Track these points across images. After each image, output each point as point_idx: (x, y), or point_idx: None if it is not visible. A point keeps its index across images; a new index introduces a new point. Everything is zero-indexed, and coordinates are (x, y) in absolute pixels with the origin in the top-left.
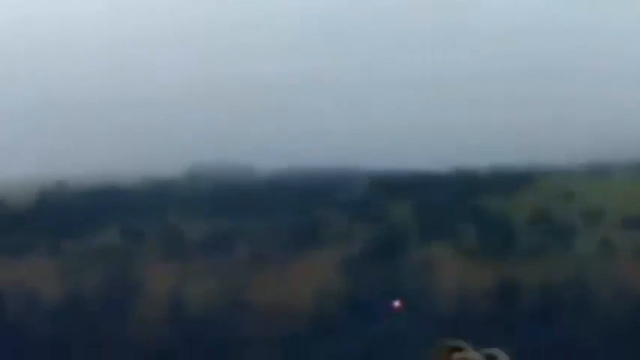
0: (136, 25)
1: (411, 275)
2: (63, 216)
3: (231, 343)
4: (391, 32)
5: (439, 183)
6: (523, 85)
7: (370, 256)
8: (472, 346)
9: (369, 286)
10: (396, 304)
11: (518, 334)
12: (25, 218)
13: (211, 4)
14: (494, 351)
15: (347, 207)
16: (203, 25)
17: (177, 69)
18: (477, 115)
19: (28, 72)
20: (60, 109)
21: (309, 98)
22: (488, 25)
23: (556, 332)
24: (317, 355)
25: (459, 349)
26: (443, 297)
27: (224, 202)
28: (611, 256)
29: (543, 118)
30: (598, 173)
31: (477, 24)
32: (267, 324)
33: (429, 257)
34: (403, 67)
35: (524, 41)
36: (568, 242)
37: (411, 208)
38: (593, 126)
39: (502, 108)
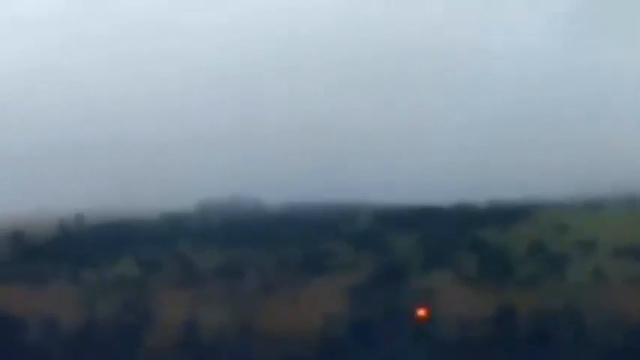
0: (144, 67)
1: (412, 302)
2: (82, 247)
3: None
4: (394, 74)
5: (441, 216)
6: (520, 128)
7: (374, 285)
8: None
9: (373, 313)
10: (421, 312)
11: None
12: (46, 249)
13: (221, 42)
14: None
15: (352, 238)
16: (211, 63)
17: (188, 109)
18: (478, 155)
19: (50, 108)
20: (81, 147)
21: (316, 137)
22: (485, 70)
23: (551, 357)
24: None
25: None
26: (444, 323)
27: (235, 234)
28: (604, 284)
29: (540, 157)
30: (591, 207)
31: (477, 70)
32: (276, 349)
33: (431, 286)
34: (407, 108)
35: (522, 88)
36: (562, 271)
37: (413, 239)
38: (586, 163)
39: (501, 148)
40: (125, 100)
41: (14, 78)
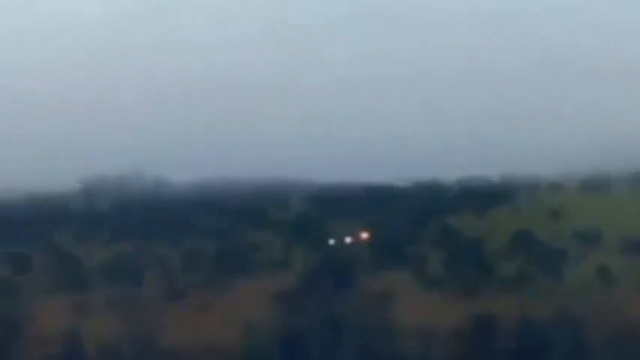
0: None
1: (361, 312)
2: None
3: None
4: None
5: (397, 199)
6: (500, 88)
7: (311, 288)
8: None
9: (308, 326)
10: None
11: None
12: None
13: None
14: None
15: (282, 227)
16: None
17: (73, 68)
18: (445, 121)
19: None
20: None
21: (235, 97)
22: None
23: None
24: None
25: None
26: (401, 338)
27: (129, 222)
28: (609, 287)
29: (524, 125)
30: (591, 188)
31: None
32: None
33: (384, 289)
34: (352, 63)
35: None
36: (555, 270)
37: (361, 229)
38: (584, 133)
39: (475, 112)
40: None
41: None
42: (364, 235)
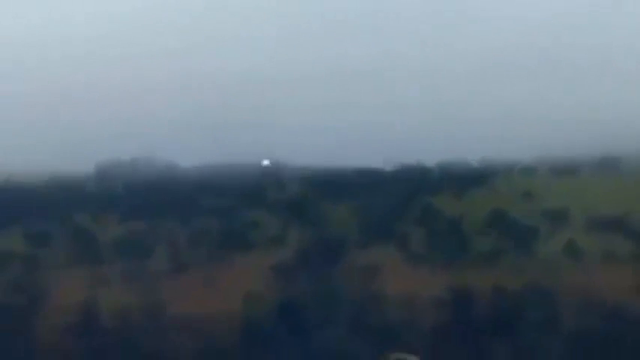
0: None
1: (351, 284)
2: None
3: (151, 358)
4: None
5: (383, 181)
6: (476, 74)
7: (305, 262)
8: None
9: (303, 297)
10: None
11: (470, 348)
12: None
13: None
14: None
15: (279, 207)
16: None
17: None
18: (426, 108)
19: None
20: None
21: (236, 89)
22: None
23: (513, 346)
24: None
25: None
26: (388, 307)
27: (140, 202)
28: (577, 261)
29: (500, 111)
30: (560, 171)
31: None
32: (189, 337)
33: (372, 263)
34: (339, 51)
35: (490, 34)
36: (527, 246)
37: (350, 209)
38: (554, 120)
39: (454, 99)
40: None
41: None
42: None
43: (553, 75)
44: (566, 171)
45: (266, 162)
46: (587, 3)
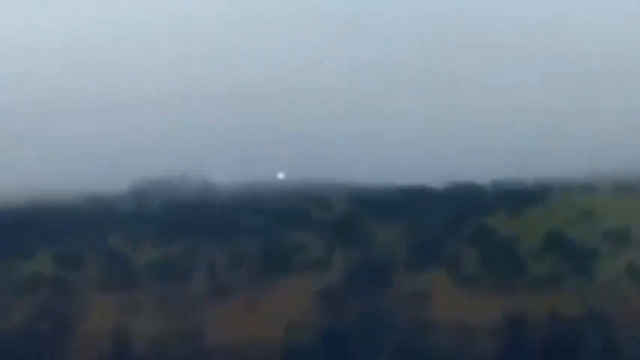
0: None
1: (400, 309)
2: None
3: None
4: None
5: (434, 200)
6: (532, 91)
7: (351, 286)
8: None
9: (349, 321)
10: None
11: None
12: None
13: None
14: None
15: (324, 228)
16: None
17: (121, 73)
18: (478, 124)
19: None
20: None
21: (278, 101)
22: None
23: None
24: None
25: None
26: (438, 335)
27: (177, 223)
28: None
29: (557, 128)
30: (622, 190)
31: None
32: None
33: (422, 288)
34: (389, 67)
35: (540, 45)
36: (587, 269)
37: (399, 229)
38: (615, 136)
39: (509, 115)
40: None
41: None
42: None
43: (611, 84)
44: (628, 188)
45: (281, 175)
46: None
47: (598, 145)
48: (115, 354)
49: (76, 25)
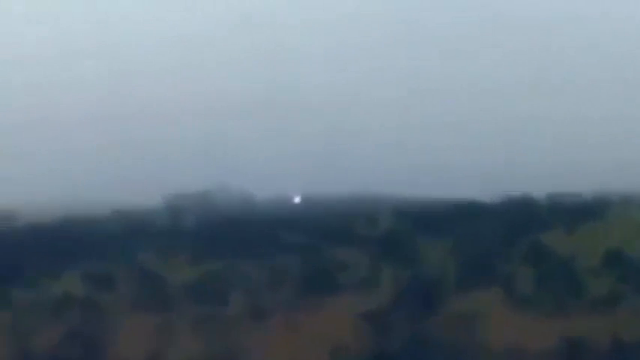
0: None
1: (450, 332)
2: (12, 257)
3: None
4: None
5: (486, 215)
6: (587, 101)
7: (398, 308)
8: None
9: (396, 344)
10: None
11: None
12: None
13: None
14: None
15: (369, 245)
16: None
17: (156, 84)
18: (534, 136)
19: None
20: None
21: (321, 114)
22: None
23: None
24: None
25: None
26: (492, 358)
27: (213, 239)
28: None
29: (616, 140)
30: None
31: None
32: None
33: (473, 309)
34: (443, 79)
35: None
36: None
37: (449, 246)
38: None
39: (565, 127)
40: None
41: None
42: None
43: None
44: None
45: (297, 199)
46: None
47: None
48: None
49: (117, 34)
